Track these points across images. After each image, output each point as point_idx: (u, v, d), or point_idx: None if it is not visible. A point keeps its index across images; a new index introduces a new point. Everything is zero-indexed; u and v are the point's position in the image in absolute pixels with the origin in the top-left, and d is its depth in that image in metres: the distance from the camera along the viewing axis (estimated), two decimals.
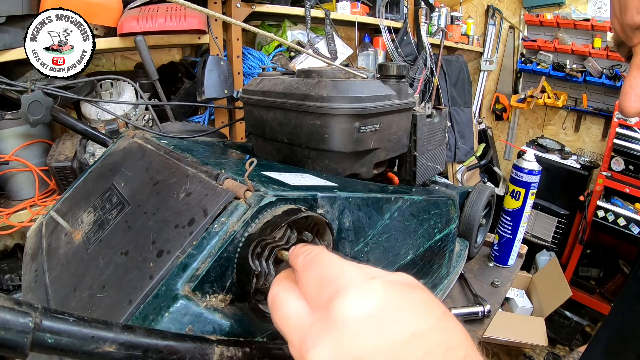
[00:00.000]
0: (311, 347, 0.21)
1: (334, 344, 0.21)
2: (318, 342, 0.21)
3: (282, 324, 0.25)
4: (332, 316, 0.21)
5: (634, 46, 0.35)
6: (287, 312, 0.25)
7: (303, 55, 1.58)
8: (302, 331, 0.23)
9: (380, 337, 0.20)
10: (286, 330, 0.24)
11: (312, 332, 0.22)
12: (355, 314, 0.21)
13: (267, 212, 0.37)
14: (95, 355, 0.23)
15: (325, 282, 0.24)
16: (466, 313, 0.75)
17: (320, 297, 0.23)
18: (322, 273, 0.24)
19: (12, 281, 1.05)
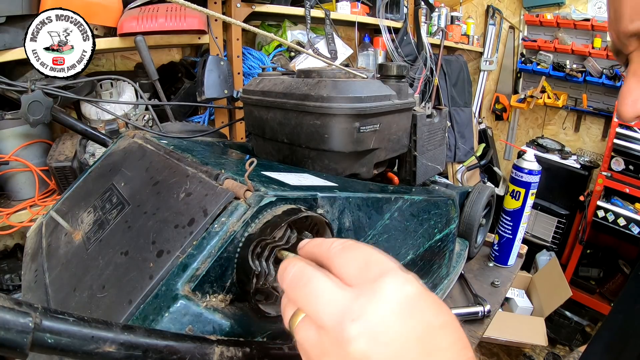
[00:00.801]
0: (357, 317, 0.22)
1: (379, 315, 0.22)
2: (364, 313, 0.22)
3: (313, 296, 0.24)
4: (380, 291, 0.23)
5: (630, 53, 0.36)
6: (321, 286, 0.25)
7: (303, 55, 1.58)
8: (342, 303, 0.23)
9: (418, 319, 0.22)
10: (317, 303, 0.24)
11: (356, 305, 0.23)
12: (400, 294, 0.23)
13: (267, 212, 0.37)
14: (95, 355, 0.23)
15: (371, 262, 0.25)
16: (466, 313, 0.75)
17: (365, 275, 0.24)
18: (367, 255, 0.26)
19: (12, 281, 1.05)
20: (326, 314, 0.23)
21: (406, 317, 0.22)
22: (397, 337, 0.22)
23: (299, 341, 0.25)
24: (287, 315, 0.27)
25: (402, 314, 0.22)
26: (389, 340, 0.22)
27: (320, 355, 0.24)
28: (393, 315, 0.22)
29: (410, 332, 0.22)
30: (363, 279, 0.24)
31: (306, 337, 0.25)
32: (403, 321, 0.22)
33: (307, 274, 0.26)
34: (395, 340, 0.22)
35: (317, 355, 0.24)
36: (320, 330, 0.24)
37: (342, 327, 0.22)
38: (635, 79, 0.35)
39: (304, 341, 0.25)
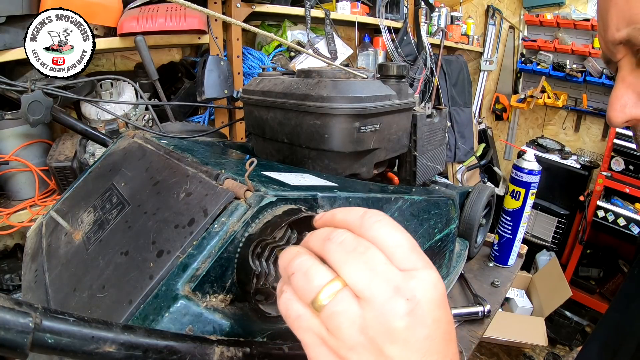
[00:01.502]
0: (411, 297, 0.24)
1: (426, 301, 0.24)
2: (415, 295, 0.24)
3: (369, 268, 0.25)
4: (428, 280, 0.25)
5: (618, 61, 0.37)
6: (379, 259, 0.25)
7: (303, 55, 1.58)
8: (397, 281, 0.24)
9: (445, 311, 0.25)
10: (374, 275, 0.24)
11: (409, 286, 0.24)
12: (440, 287, 0.26)
13: (268, 212, 0.37)
14: (95, 355, 0.23)
15: (416, 251, 0.26)
16: (466, 313, 0.75)
17: (414, 262, 0.26)
18: (410, 242, 0.27)
19: (12, 281, 1.04)
20: (382, 287, 0.24)
21: (441, 307, 0.25)
22: (435, 321, 0.24)
23: (333, 314, 0.24)
24: (315, 280, 0.25)
25: (439, 303, 0.25)
26: (430, 323, 0.24)
27: (361, 329, 0.24)
28: (434, 303, 0.24)
29: (442, 319, 0.25)
30: (412, 265, 0.25)
31: (346, 310, 0.24)
32: (439, 310, 0.25)
33: (364, 244, 0.26)
34: (433, 323, 0.24)
35: (356, 328, 0.24)
36: (364, 304, 0.24)
37: (394, 304, 0.23)
38: (624, 85, 0.37)
39: (342, 314, 0.24)
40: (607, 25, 0.35)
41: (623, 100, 0.37)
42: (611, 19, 0.34)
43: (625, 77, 0.36)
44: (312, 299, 0.25)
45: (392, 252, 0.26)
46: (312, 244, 0.28)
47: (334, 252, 0.26)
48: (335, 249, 0.26)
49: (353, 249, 0.26)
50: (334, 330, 0.24)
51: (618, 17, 0.33)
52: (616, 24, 0.34)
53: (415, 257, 0.26)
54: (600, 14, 0.36)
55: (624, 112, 0.37)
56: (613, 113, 0.37)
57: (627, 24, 0.33)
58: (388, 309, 0.23)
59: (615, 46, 0.35)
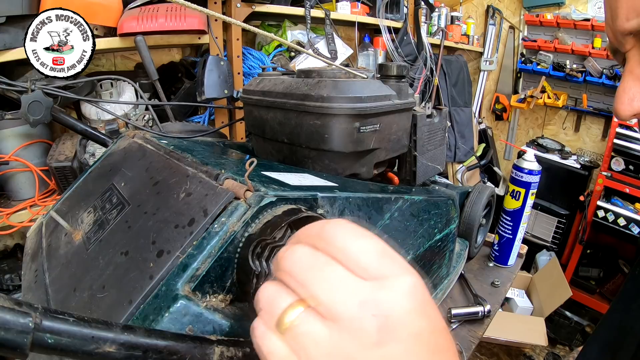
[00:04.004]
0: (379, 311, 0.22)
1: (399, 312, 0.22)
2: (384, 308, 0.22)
3: (330, 284, 0.23)
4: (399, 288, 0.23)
5: (627, 52, 0.36)
6: (339, 273, 0.23)
7: (303, 55, 1.58)
8: (362, 294, 0.22)
9: (429, 319, 0.23)
10: (335, 291, 0.22)
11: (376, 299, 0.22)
12: (416, 294, 0.23)
13: (268, 212, 0.37)
14: (95, 355, 0.23)
15: (385, 256, 0.24)
16: (466, 313, 0.75)
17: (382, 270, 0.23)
18: (379, 247, 0.24)
19: (12, 281, 1.04)
20: (346, 304, 0.22)
21: (420, 316, 0.23)
22: (412, 334, 0.22)
23: (298, 337, 0.23)
24: (278, 306, 0.24)
25: (417, 312, 0.22)
26: (406, 337, 0.22)
27: (328, 352, 0.22)
28: (409, 313, 0.22)
29: (423, 330, 0.22)
30: (380, 274, 0.23)
31: (310, 332, 0.22)
32: (418, 320, 0.22)
33: (321, 259, 0.24)
34: (411, 337, 0.22)
35: (323, 350, 0.22)
36: (330, 323, 0.22)
37: (362, 320, 0.21)
38: (632, 77, 0.35)
39: (306, 336, 0.22)
40: (616, 15, 0.34)
41: (631, 93, 0.35)
42: (621, 9, 0.33)
43: (633, 69, 0.35)
44: (276, 322, 0.23)
45: (356, 262, 0.23)
46: (275, 270, 0.26)
47: (291, 270, 0.24)
48: (292, 266, 0.24)
49: (310, 266, 0.24)
50: (300, 352, 0.22)
51: (628, 6, 0.32)
52: (626, 13, 0.33)
53: (384, 264, 0.23)
54: (608, 3, 0.35)
55: (632, 105, 0.35)
56: (621, 106, 0.36)
57: (637, 14, 0.32)
58: (355, 328, 0.21)
59: (624, 37, 0.34)
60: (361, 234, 0.24)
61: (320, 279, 0.23)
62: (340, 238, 0.24)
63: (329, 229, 0.25)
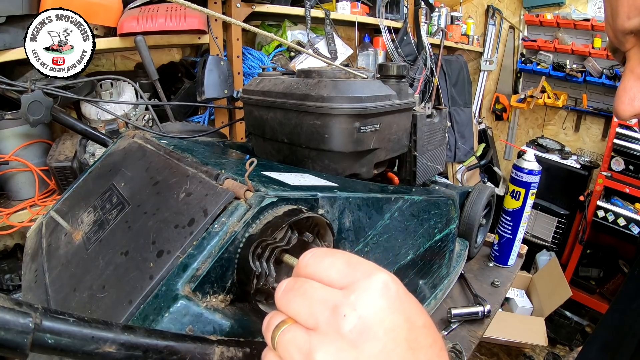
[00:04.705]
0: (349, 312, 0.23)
1: (371, 311, 0.23)
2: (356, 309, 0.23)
3: (306, 298, 0.25)
4: (369, 288, 0.24)
5: (627, 51, 0.35)
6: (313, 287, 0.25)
7: (303, 55, 1.58)
8: (334, 300, 0.24)
9: (405, 316, 0.24)
10: (311, 303, 0.25)
11: (348, 302, 0.23)
12: (388, 291, 0.24)
13: (268, 213, 0.37)
14: (95, 355, 0.23)
15: (352, 263, 0.26)
16: (466, 313, 0.75)
17: (351, 276, 0.25)
18: (345, 258, 0.26)
19: (12, 281, 1.04)
20: (319, 311, 0.24)
21: (395, 313, 0.23)
22: (388, 331, 0.23)
23: (285, 347, 0.25)
24: (272, 326, 0.26)
25: (392, 309, 0.23)
26: (381, 335, 0.23)
27: (310, 354, 0.23)
28: (383, 310, 0.23)
29: (399, 327, 0.23)
30: (350, 279, 0.25)
31: (293, 338, 0.24)
32: (393, 316, 0.23)
33: (299, 280, 0.27)
34: (386, 334, 0.23)
35: (306, 354, 0.24)
36: (311, 332, 0.24)
37: (335, 323, 0.23)
38: (633, 77, 0.35)
39: (291, 344, 0.24)
40: (616, 13, 0.33)
41: (632, 92, 0.35)
42: (622, 7, 0.32)
43: (634, 69, 0.35)
44: (270, 339, 0.26)
45: (328, 275, 0.26)
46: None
47: (280, 299, 0.27)
48: (280, 296, 0.27)
49: (290, 288, 0.27)
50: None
51: (629, 5, 0.32)
52: (627, 12, 0.32)
53: (352, 270, 0.25)
54: (609, 2, 0.34)
55: (632, 105, 0.35)
56: (621, 106, 0.36)
57: (639, 12, 0.32)
58: (331, 330, 0.23)
59: (624, 36, 0.34)
60: (329, 252, 0.27)
61: (298, 295, 0.26)
62: (312, 261, 0.27)
63: (304, 258, 0.28)
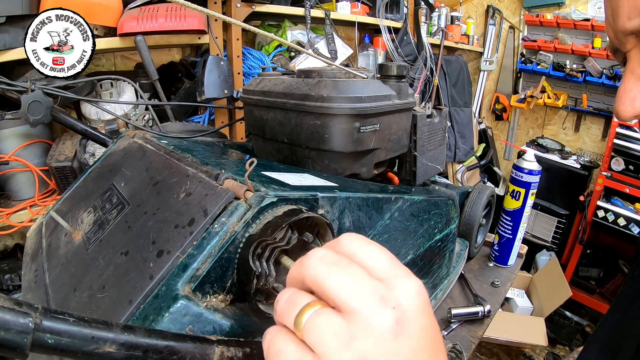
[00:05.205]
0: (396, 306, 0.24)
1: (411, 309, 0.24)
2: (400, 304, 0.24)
3: (353, 280, 0.24)
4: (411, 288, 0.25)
5: (628, 52, 0.35)
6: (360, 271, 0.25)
7: (303, 55, 1.58)
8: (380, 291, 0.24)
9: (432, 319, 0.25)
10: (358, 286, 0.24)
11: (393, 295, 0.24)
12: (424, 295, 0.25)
13: (268, 213, 0.37)
14: (95, 355, 0.23)
15: (395, 262, 0.27)
16: (466, 313, 0.75)
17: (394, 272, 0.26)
18: (389, 255, 0.27)
19: (12, 281, 1.04)
20: (366, 298, 0.24)
21: (427, 315, 0.25)
22: (421, 330, 0.24)
23: (315, 330, 0.23)
24: (296, 306, 0.25)
25: (425, 312, 0.25)
26: (417, 332, 0.24)
27: (346, 343, 0.23)
28: (419, 311, 0.24)
29: (429, 328, 0.25)
30: (393, 274, 0.25)
31: (328, 324, 0.23)
32: (425, 318, 0.25)
33: (343, 260, 0.26)
34: (420, 332, 0.24)
35: (341, 342, 0.23)
36: (348, 316, 0.23)
37: (382, 314, 0.23)
38: (634, 78, 0.35)
39: (324, 328, 0.23)
40: (617, 14, 0.33)
41: (632, 93, 0.35)
42: (622, 8, 0.32)
43: (635, 69, 0.35)
44: (294, 321, 0.25)
45: (372, 266, 0.26)
46: (294, 273, 0.27)
47: (315, 266, 0.25)
48: (316, 264, 0.26)
49: (334, 262, 0.25)
50: (316, 346, 0.23)
51: (630, 5, 0.32)
52: (628, 13, 0.32)
53: (395, 268, 0.26)
54: (609, 2, 0.34)
55: (633, 105, 0.35)
56: (622, 107, 0.35)
57: (639, 13, 0.31)
58: (376, 319, 0.23)
59: (625, 36, 0.34)
60: (373, 243, 0.28)
61: (345, 273, 0.25)
62: (357, 244, 0.27)
63: (346, 238, 0.28)
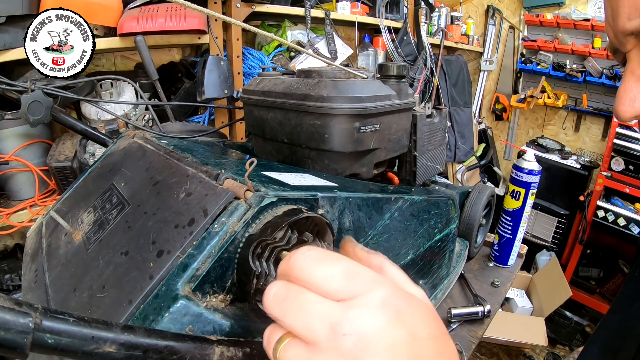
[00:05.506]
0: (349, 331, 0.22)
1: (370, 328, 0.23)
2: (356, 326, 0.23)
3: (303, 311, 0.24)
4: (369, 304, 0.23)
5: (628, 52, 0.35)
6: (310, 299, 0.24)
7: (303, 55, 1.58)
8: (333, 316, 0.23)
9: (407, 329, 0.23)
10: (308, 317, 0.24)
11: (347, 318, 0.23)
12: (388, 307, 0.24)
13: (268, 213, 0.37)
14: (95, 355, 0.23)
15: (353, 275, 0.25)
16: (466, 313, 0.75)
17: (351, 289, 0.24)
18: (347, 267, 0.25)
19: (12, 281, 1.05)
20: (318, 328, 0.23)
21: (396, 328, 0.23)
22: (389, 347, 0.23)
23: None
24: (272, 341, 0.25)
25: (392, 325, 0.23)
26: (382, 351, 0.22)
27: None
28: (383, 327, 0.23)
29: (400, 342, 0.23)
30: (348, 293, 0.24)
31: (295, 357, 0.24)
32: (393, 332, 0.23)
33: (293, 289, 0.25)
34: (387, 350, 0.22)
35: None
36: (310, 347, 0.23)
37: (335, 341, 0.22)
38: (634, 78, 0.35)
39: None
40: (617, 14, 0.33)
41: (632, 93, 0.35)
42: (622, 8, 0.32)
43: (634, 70, 0.35)
44: (271, 355, 0.25)
45: (326, 286, 0.24)
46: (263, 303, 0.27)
47: (271, 306, 0.25)
48: (270, 304, 0.25)
49: (284, 297, 0.25)
50: None
51: (630, 6, 0.32)
52: (628, 13, 0.32)
53: (352, 283, 0.24)
54: (609, 2, 0.34)
55: (633, 106, 0.35)
56: (622, 107, 0.35)
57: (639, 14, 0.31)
58: (331, 348, 0.22)
59: (625, 37, 0.34)
60: (325, 259, 0.26)
61: (294, 307, 0.24)
62: (305, 266, 0.25)
63: (295, 260, 0.26)
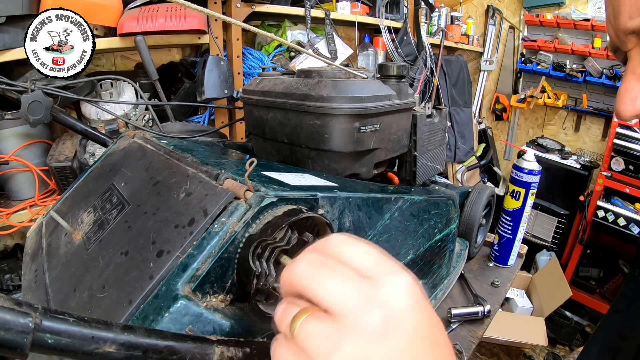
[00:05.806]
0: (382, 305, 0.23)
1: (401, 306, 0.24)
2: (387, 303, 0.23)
3: (337, 282, 0.24)
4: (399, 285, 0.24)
5: (629, 51, 0.35)
6: (345, 272, 0.25)
7: (303, 55, 1.58)
8: (366, 291, 0.24)
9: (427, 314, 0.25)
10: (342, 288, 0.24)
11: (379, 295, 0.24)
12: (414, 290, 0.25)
13: (268, 213, 0.37)
14: (95, 355, 0.23)
15: (382, 259, 0.26)
16: (466, 313, 0.75)
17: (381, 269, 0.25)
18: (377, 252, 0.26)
19: (12, 281, 1.04)
20: (352, 296, 0.24)
21: (421, 311, 0.24)
22: (414, 327, 0.24)
23: (307, 336, 0.24)
24: (287, 317, 0.25)
25: (417, 308, 0.24)
26: (408, 330, 0.23)
27: (336, 344, 0.23)
28: (410, 308, 0.24)
29: (423, 324, 0.24)
30: (380, 272, 0.25)
31: (318, 329, 0.24)
32: (418, 314, 0.24)
33: (330, 262, 0.26)
34: (413, 330, 0.23)
35: (331, 344, 0.23)
36: (337, 318, 0.23)
37: (368, 314, 0.23)
38: (635, 77, 0.35)
39: (314, 333, 0.24)
40: (618, 13, 0.33)
41: (633, 92, 0.35)
42: (624, 7, 0.32)
43: (635, 69, 0.35)
44: (289, 331, 0.25)
45: (360, 265, 0.25)
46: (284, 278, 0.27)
47: (302, 272, 0.26)
48: (303, 269, 0.26)
49: (320, 264, 0.25)
50: (309, 351, 0.24)
51: (632, 5, 0.32)
52: (629, 12, 0.32)
53: (383, 265, 0.25)
54: (610, 1, 0.34)
55: (634, 105, 0.35)
56: (622, 107, 0.35)
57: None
58: (363, 320, 0.23)
59: (626, 35, 0.34)
60: (360, 241, 0.27)
61: (331, 274, 0.25)
62: (344, 243, 0.27)
63: (332, 239, 0.27)
